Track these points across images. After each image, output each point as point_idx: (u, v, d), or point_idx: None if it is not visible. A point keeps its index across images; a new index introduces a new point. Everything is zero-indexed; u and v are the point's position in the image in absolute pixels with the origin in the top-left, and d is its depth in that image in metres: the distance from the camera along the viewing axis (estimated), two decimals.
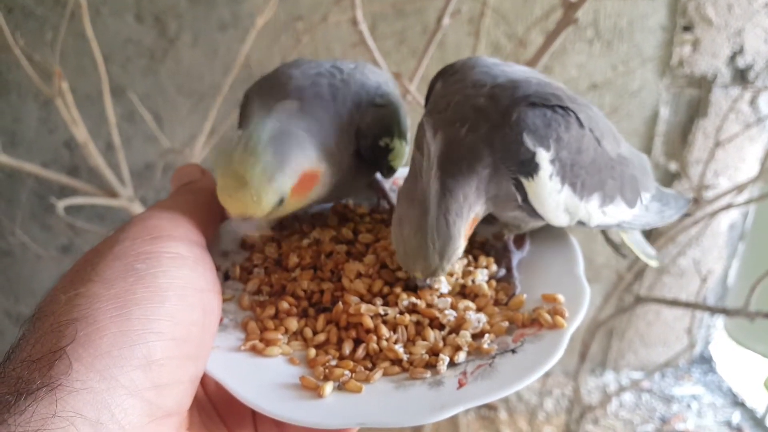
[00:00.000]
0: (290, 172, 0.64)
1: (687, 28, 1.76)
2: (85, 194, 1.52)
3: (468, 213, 0.64)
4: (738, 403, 2.20)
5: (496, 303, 0.69)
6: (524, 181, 0.64)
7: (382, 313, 0.66)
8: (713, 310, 1.49)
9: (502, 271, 0.71)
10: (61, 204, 1.49)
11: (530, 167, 0.64)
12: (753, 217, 2.05)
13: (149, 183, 1.84)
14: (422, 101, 0.85)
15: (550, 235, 0.75)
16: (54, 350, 0.48)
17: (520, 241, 0.74)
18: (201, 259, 0.61)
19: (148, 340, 0.50)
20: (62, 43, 1.40)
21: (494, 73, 0.69)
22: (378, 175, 0.83)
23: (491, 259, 0.72)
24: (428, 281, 0.67)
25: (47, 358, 0.48)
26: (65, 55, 1.65)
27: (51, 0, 1.66)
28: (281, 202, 0.65)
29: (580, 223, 0.71)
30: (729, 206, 1.55)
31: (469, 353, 0.63)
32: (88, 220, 1.89)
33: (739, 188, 1.54)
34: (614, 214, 0.71)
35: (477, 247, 0.76)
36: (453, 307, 0.67)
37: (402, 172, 0.86)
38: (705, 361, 2.40)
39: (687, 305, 1.57)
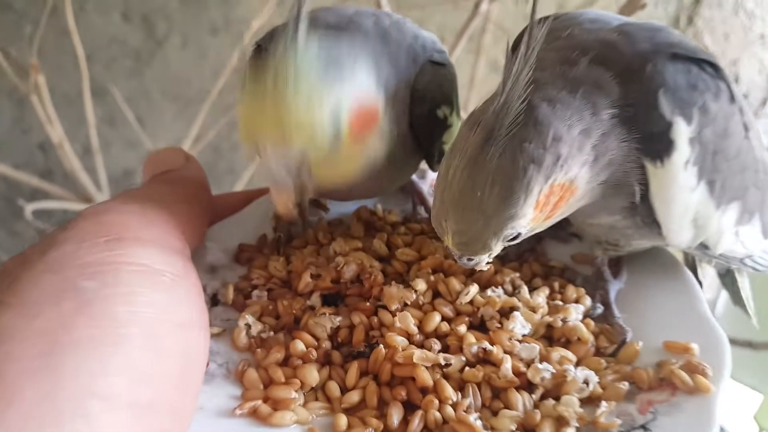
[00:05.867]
0: (348, 91, 0.41)
1: None
2: (58, 199, 1.31)
3: (554, 166, 0.38)
4: None
5: (598, 353, 0.44)
6: (649, 166, 0.41)
7: (443, 362, 0.41)
8: None
9: (599, 308, 0.46)
10: (30, 207, 1.28)
11: (662, 144, 0.40)
12: None
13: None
14: None
15: (650, 258, 0.50)
16: None
17: (614, 266, 0.50)
18: (183, 276, 0.39)
19: (90, 412, 0.31)
20: (42, 39, 1.22)
21: (615, 16, 0.46)
22: (412, 176, 0.58)
23: (582, 291, 0.47)
24: (465, 259, 0.42)
25: None
26: (44, 52, 1.43)
27: None
28: (337, 137, 0.41)
29: (703, 246, 0.46)
30: None
31: (578, 430, 0.38)
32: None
33: None
34: (746, 239, 0.47)
35: (556, 274, 0.50)
36: (544, 357, 0.42)
37: None
38: None
39: None
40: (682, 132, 0.40)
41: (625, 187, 0.41)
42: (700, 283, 0.50)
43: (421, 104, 0.48)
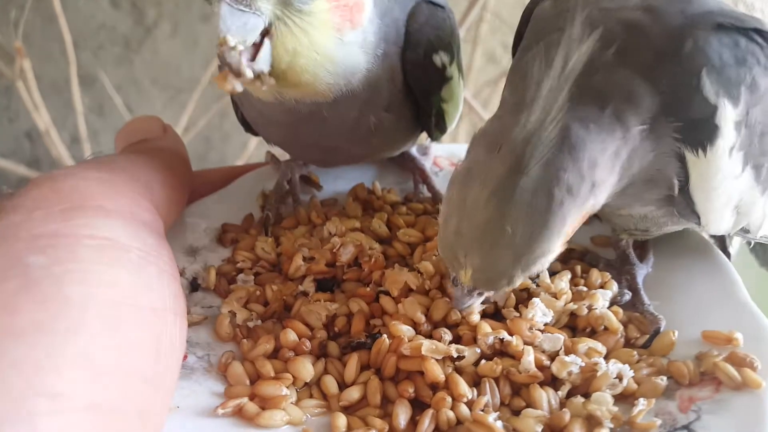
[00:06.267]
0: None
1: None
2: None
3: (588, 195, 0.33)
4: None
5: (628, 344, 0.38)
6: (690, 156, 0.34)
7: (455, 355, 0.35)
8: None
9: (627, 294, 0.40)
10: None
11: (705, 132, 0.34)
12: None
13: None
14: None
15: (677, 239, 0.44)
16: None
17: (639, 249, 0.44)
18: (154, 253, 0.33)
19: (36, 412, 0.25)
20: (28, 24, 1.16)
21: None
22: (413, 151, 0.52)
23: (607, 275, 0.41)
24: (473, 298, 0.36)
25: None
26: (31, 38, 1.39)
27: None
28: None
29: (743, 231, 0.41)
30: None
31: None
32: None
33: None
34: None
35: (575, 258, 0.44)
36: (569, 349, 0.36)
37: (446, 150, 0.55)
38: None
39: None
40: (728, 116, 0.34)
41: (659, 181, 0.36)
42: (727, 254, 0.44)
43: (416, 48, 0.42)
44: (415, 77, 0.42)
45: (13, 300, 0.26)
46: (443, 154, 0.54)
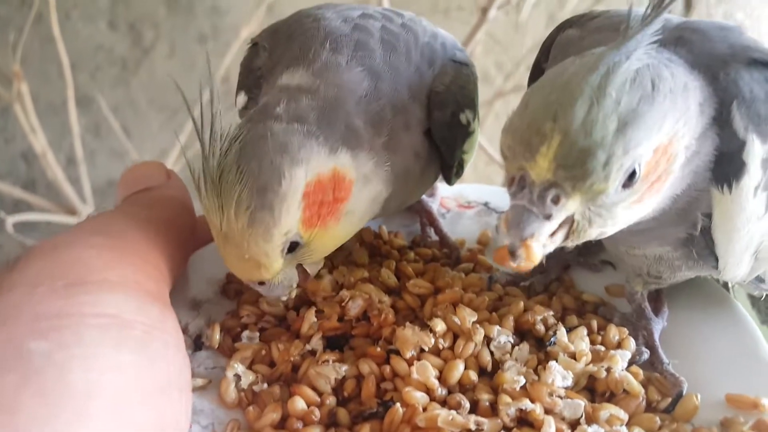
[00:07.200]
0: (283, 196, 0.33)
1: None
2: (41, 210, 1.22)
3: (683, 112, 0.30)
4: None
5: (649, 408, 0.35)
6: (715, 192, 0.33)
7: (473, 428, 0.32)
8: None
9: (646, 353, 0.38)
10: (11, 220, 1.18)
11: (732, 167, 0.33)
12: None
13: (112, 201, 1.48)
14: None
15: (692, 290, 0.42)
16: None
17: (653, 301, 0.41)
18: (158, 326, 0.31)
19: None
20: (26, 47, 1.14)
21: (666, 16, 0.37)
22: None
23: (624, 331, 0.39)
24: (537, 222, 0.29)
25: None
26: (28, 60, 1.37)
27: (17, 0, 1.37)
28: (296, 247, 0.35)
29: (758, 279, 0.39)
30: None
31: None
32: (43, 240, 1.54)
33: None
34: None
35: (590, 310, 0.42)
36: (590, 416, 0.33)
37: (453, 191, 0.52)
38: None
39: None
40: (756, 153, 0.32)
41: (686, 216, 0.34)
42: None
43: (442, 108, 0.40)
44: (441, 136, 0.41)
45: (13, 396, 0.24)
46: (450, 195, 0.52)
